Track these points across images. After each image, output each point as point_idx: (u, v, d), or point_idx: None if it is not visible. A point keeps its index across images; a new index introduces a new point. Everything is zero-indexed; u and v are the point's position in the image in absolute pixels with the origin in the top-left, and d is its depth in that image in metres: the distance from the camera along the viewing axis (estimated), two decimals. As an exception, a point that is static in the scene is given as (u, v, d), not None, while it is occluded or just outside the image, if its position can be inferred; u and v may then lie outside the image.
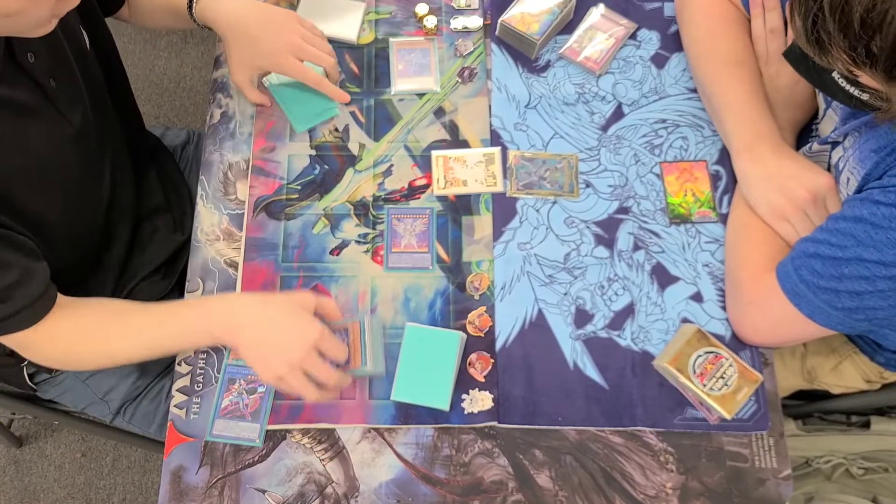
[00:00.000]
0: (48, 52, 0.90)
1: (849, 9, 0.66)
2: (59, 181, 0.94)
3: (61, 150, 0.93)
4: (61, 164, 0.93)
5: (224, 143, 1.11)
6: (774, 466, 0.92)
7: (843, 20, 0.67)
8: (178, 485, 0.92)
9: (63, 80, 0.93)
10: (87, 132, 0.97)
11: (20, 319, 0.88)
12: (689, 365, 0.93)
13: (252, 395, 0.96)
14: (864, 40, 0.67)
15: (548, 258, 1.02)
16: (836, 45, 0.69)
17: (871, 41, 0.66)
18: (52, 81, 0.90)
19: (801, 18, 0.72)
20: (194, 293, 1.01)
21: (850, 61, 0.70)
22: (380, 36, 1.17)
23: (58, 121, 0.92)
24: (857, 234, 0.81)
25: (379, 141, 1.10)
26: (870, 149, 0.85)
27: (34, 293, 0.88)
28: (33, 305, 0.88)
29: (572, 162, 1.08)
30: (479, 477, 0.93)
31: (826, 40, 0.70)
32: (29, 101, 0.87)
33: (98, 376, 1.16)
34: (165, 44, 2.17)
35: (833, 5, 0.67)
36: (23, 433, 1.76)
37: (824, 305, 0.85)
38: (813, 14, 0.70)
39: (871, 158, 0.84)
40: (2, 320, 0.86)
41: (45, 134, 0.90)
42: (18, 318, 0.87)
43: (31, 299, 0.87)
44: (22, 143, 0.87)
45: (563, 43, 1.15)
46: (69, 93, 0.94)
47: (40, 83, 0.88)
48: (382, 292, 1.01)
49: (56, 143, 0.92)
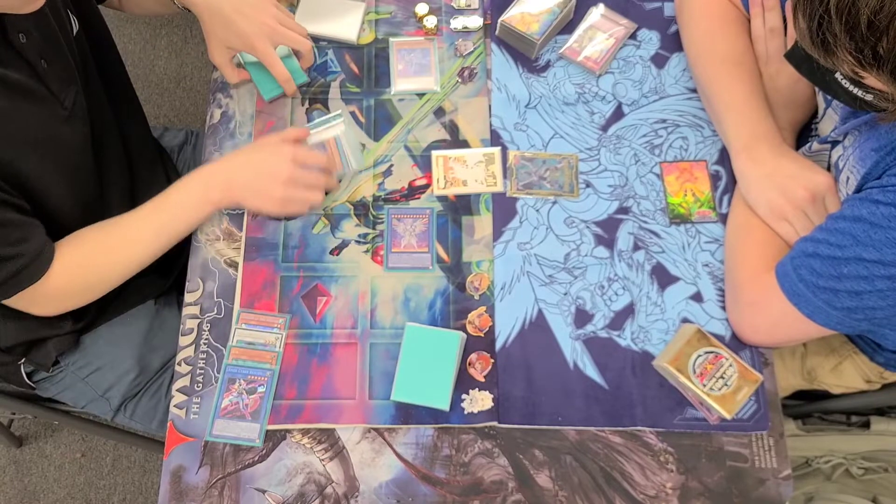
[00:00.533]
0: (39, 33, 0.92)
1: (856, 11, 0.66)
2: (56, 163, 0.96)
3: (55, 130, 0.95)
4: (56, 146, 0.96)
5: (224, 143, 1.11)
6: (774, 466, 0.92)
7: (850, 22, 0.67)
8: (178, 485, 0.92)
9: (54, 61, 0.95)
10: (79, 115, 1.00)
11: (32, 271, 0.92)
12: (689, 365, 0.93)
13: (252, 395, 0.96)
14: (870, 42, 0.67)
15: (548, 258, 1.02)
16: (842, 46, 0.69)
17: (878, 43, 0.66)
18: (44, 62, 0.93)
19: (805, 20, 0.72)
20: (194, 293, 1.01)
21: (855, 63, 0.70)
22: (380, 36, 1.17)
23: (50, 101, 0.95)
24: (857, 234, 0.80)
25: (379, 141, 1.10)
26: (870, 148, 0.85)
27: (38, 246, 0.93)
28: (40, 256, 0.93)
29: (572, 162, 1.08)
30: (479, 477, 0.93)
31: (831, 42, 0.70)
32: (21, 80, 0.90)
33: (98, 374, 1.16)
34: (165, 44, 2.17)
35: (840, 7, 0.67)
36: (23, 433, 1.76)
37: (823, 305, 0.85)
38: (819, 16, 0.69)
39: (871, 157, 0.84)
40: (16, 274, 0.90)
41: (38, 113, 0.93)
42: (31, 270, 0.92)
43: (37, 251, 0.92)
44: (18, 122, 0.90)
45: (563, 43, 1.15)
46: (60, 74, 0.96)
47: (31, 63, 0.91)
48: (382, 292, 1.01)
49: (49, 124, 0.95)
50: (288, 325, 0.99)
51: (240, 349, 0.98)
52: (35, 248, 0.92)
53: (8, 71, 0.88)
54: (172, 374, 0.98)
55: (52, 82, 0.94)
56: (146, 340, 1.17)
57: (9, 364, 1.13)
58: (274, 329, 0.99)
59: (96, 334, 1.15)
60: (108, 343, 1.15)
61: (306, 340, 0.99)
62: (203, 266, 1.03)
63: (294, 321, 1.00)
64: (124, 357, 1.16)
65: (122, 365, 1.16)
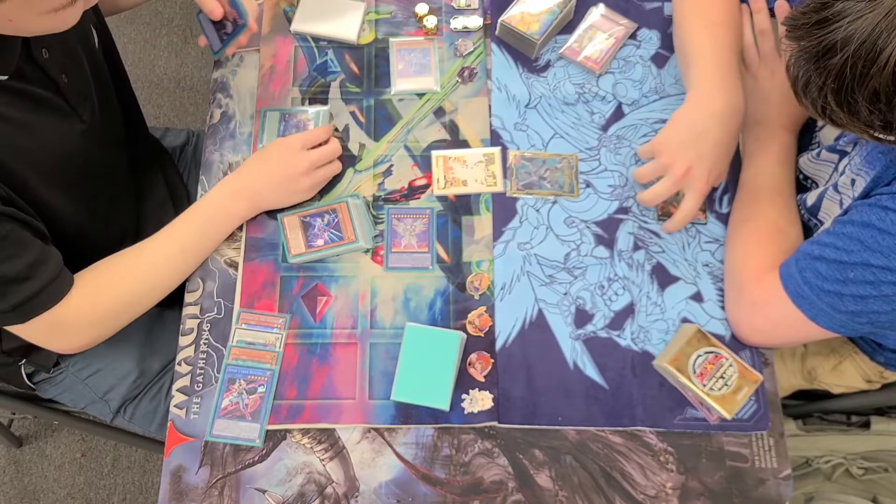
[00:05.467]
0: (61, 48, 0.93)
1: (854, 103, 0.68)
2: (70, 176, 0.96)
3: (72, 143, 0.95)
4: (72, 158, 0.96)
5: (224, 143, 1.11)
6: (774, 466, 0.92)
7: (852, 111, 0.69)
8: (178, 485, 0.92)
9: (74, 76, 0.96)
10: (95, 128, 1.00)
11: (49, 295, 0.90)
12: (689, 365, 0.93)
13: (252, 395, 0.96)
14: (877, 121, 0.69)
15: (548, 258, 1.02)
16: (849, 125, 0.71)
17: (885, 118, 0.68)
18: (64, 77, 0.93)
19: (809, 105, 0.73)
20: (194, 293, 1.01)
21: (867, 130, 0.71)
22: (380, 36, 1.17)
23: (69, 115, 0.95)
24: (864, 239, 0.80)
25: (379, 141, 1.10)
26: (878, 150, 0.85)
27: (55, 269, 0.91)
28: (57, 279, 0.91)
29: (572, 162, 1.08)
30: (479, 477, 0.93)
31: (839, 122, 0.72)
32: (42, 94, 0.90)
33: (98, 376, 1.16)
34: (165, 44, 2.17)
35: (838, 102, 0.69)
36: (23, 433, 1.76)
37: (827, 308, 0.85)
38: (820, 105, 0.71)
39: (879, 160, 0.84)
40: (31, 298, 0.88)
41: (57, 127, 0.93)
42: (47, 294, 0.90)
43: (54, 274, 0.90)
44: (37, 135, 0.90)
45: (563, 43, 1.15)
46: (79, 88, 0.97)
47: (53, 78, 0.91)
48: (382, 292, 1.01)
49: (67, 137, 0.95)
50: (288, 325, 0.99)
51: (240, 349, 0.98)
52: (52, 272, 0.90)
53: (31, 86, 0.88)
54: (172, 377, 0.98)
55: (72, 96, 0.95)
56: (146, 343, 1.17)
57: (9, 365, 1.13)
58: (274, 329, 0.99)
59: (97, 336, 1.15)
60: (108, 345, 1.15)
61: (306, 340, 0.99)
62: (203, 266, 1.03)
63: (294, 321, 1.00)
64: (124, 359, 1.16)
65: (123, 367, 1.16)
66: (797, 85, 0.74)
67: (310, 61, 1.16)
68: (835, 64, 0.68)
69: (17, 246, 0.86)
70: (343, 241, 1.02)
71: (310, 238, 1.03)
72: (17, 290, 0.87)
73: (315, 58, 1.16)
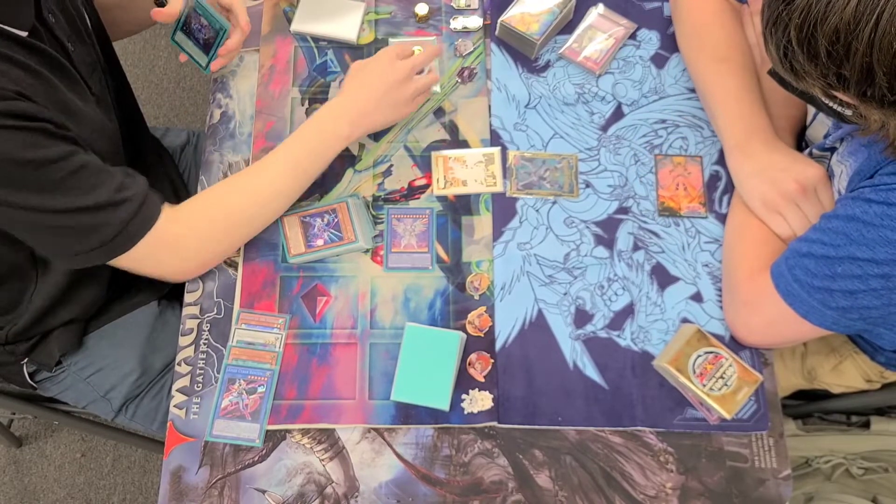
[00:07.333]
0: (64, 17, 0.94)
1: (814, 41, 0.69)
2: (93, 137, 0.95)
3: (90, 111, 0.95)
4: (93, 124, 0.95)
5: (224, 143, 1.11)
6: (774, 466, 0.92)
7: (811, 52, 0.70)
8: (178, 485, 0.92)
9: (78, 45, 0.96)
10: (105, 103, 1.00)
11: (149, 210, 0.91)
12: (689, 365, 0.93)
13: (252, 395, 0.96)
14: (832, 69, 0.69)
15: (548, 258, 1.02)
16: (809, 73, 0.72)
17: (840, 69, 0.69)
18: (70, 45, 0.94)
19: (773, 48, 0.74)
20: (194, 293, 1.01)
21: (824, 85, 0.72)
22: (380, 36, 1.17)
23: (80, 84, 0.95)
24: (850, 233, 0.81)
25: (379, 141, 1.10)
26: (859, 143, 0.86)
27: (143, 184, 0.92)
28: (150, 193, 0.92)
29: (572, 162, 1.08)
30: (478, 477, 0.93)
31: (799, 68, 0.73)
32: (57, 57, 0.90)
33: (99, 374, 1.16)
34: (165, 44, 2.17)
35: (800, 39, 0.70)
36: (23, 433, 1.76)
37: (818, 305, 0.85)
38: (783, 46, 0.72)
39: (861, 152, 0.85)
40: (133, 217, 0.89)
41: (73, 90, 0.92)
42: (148, 209, 0.90)
43: (144, 189, 0.91)
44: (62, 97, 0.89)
45: (563, 43, 1.15)
46: (86, 59, 0.97)
47: (62, 44, 0.92)
48: (382, 292, 1.01)
49: (84, 103, 0.94)
50: (288, 325, 0.99)
51: (240, 349, 0.98)
52: (143, 187, 0.91)
53: (48, 48, 0.89)
54: (173, 376, 0.98)
55: (81, 66, 0.95)
56: (149, 341, 1.17)
57: (11, 364, 1.13)
58: (274, 329, 0.99)
59: (99, 335, 1.15)
60: (110, 344, 1.15)
61: (306, 340, 0.99)
62: (203, 266, 1.03)
63: (294, 321, 1.00)
64: (126, 358, 1.16)
65: (125, 366, 1.16)
66: (766, 26, 0.74)
67: (310, 61, 1.16)
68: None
69: (97, 174, 0.87)
70: (343, 241, 1.02)
71: (309, 238, 1.03)
72: (115, 214, 0.88)
73: (315, 58, 1.16)
